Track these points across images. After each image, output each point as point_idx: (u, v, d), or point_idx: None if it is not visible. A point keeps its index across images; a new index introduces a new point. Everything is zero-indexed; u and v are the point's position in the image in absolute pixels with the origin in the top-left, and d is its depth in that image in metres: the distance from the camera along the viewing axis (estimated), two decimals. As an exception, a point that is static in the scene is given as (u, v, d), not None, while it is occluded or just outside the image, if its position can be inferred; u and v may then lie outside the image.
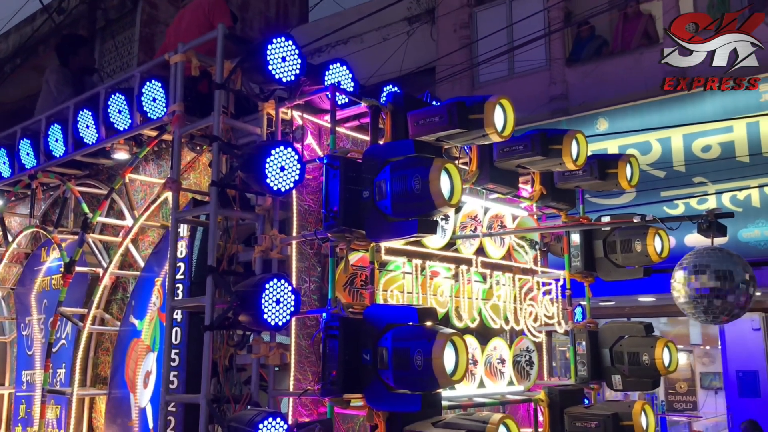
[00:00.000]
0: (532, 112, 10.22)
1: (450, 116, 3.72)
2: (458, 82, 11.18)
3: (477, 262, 4.77)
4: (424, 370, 3.18)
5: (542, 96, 10.66)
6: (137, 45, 15.20)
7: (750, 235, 9.13)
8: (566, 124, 10.01)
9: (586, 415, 4.77)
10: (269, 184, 3.62)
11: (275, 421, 3.42)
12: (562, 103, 10.60)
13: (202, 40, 4.16)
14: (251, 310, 3.50)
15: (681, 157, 9.57)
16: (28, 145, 5.30)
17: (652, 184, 9.27)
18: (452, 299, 4.50)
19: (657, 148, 9.66)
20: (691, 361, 13.60)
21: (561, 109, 10.58)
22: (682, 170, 9.47)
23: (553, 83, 10.82)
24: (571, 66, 10.77)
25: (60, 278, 5.16)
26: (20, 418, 5.29)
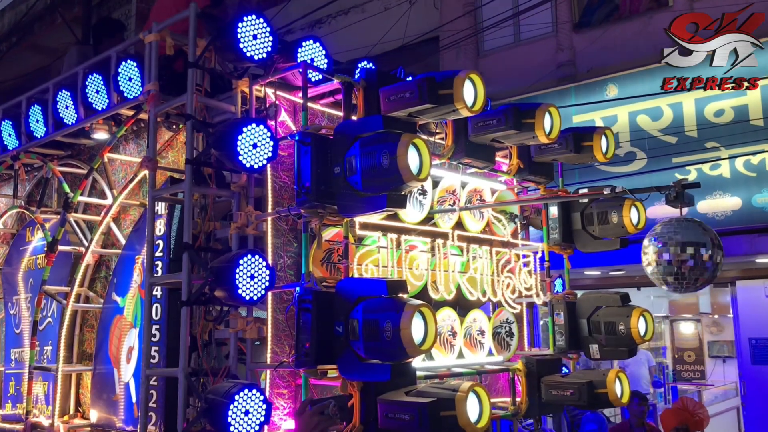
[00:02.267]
0: (539, 80, 10.14)
1: (420, 92, 3.75)
2: (462, 50, 11.07)
3: (454, 236, 4.84)
4: (393, 340, 3.26)
5: (549, 63, 10.53)
6: (134, 20, 15.19)
7: (764, 200, 9.10)
8: (575, 91, 9.93)
9: (563, 383, 4.88)
10: (242, 161, 3.68)
11: (251, 392, 3.51)
12: (569, 69, 10.49)
13: (174, 19, 4.19)
14: (226, 285, 3.57)
15: (693, 122, 9.45)
16: (10, 126, 5.34)
17: (663, 150, 9.25)
18: (429, 273, 4.58)
19: (668, 113, 9.52)
20: (698, 330, 13.68)
21: (569, 75, 10.48)
22: (694, 135, 9.36)
23: (560, 49, 10.68)
24: (578, 31, 10.59)
25: (44, 257, 5.24)
26: (10, 395, 5.40)
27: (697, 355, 13.53)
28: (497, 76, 10.84)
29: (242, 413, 3.47)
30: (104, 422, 4.59)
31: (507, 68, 10.88)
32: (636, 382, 10.63)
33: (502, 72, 10.90)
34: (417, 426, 3.49)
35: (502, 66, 10.97)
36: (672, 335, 13.91)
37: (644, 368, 11.11)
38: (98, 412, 4.64)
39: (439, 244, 4.68)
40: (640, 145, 9.45)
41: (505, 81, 10.66)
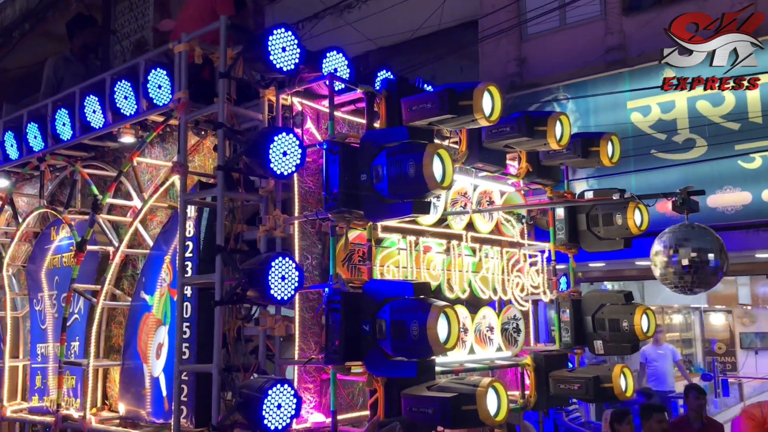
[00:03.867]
0: (586, 65, 9.92)
1: (441, 102, 3.96)
2: (504, 35, 10.72)
3: (467, 237, 5.06)
4: (420, 339, 3.48)
5: (597, 47, 10.17)
6: (152, 6, 15.27)
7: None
8: (629, 77, 9.65)
9: (570, 378, 5.11)
10: (273, 168, 3.87)
11: (283, 387, 3.72)
12: (619, 54, 10.18)
13: (205, 30, 4.37)
14: (259, 286, 3.77)
15: (758, 108, 8.99)
16: (36, 128, 5.50)
17: (725, 137, 8.96)
18: (444, 272, 4.80)
19: (730, 99, 9.10)
20: (730, 322, 13.75)
21: (618, 60, 10.17)
22: (758, 122, 8.96)
23: (609, 33, 10.35)
24: (628, 15, 10.24)
25: (71, 256, 5.43)
26: (36, 388, 5.58)
27: (728, 347, 13.60)
28: (541, 61, 10.60)
29: (275, 407, 3.67)
30: (132, 415, 4.79)
31: (552, 53, 10.49)
32: (661, 379, 10.53)
33: (546, 57, 10.57)
34: (440, 419, 3.73)
35: (547, 50, 10.59)
36: (702, 326, 13.90)
37: (669, 363, 10.90)
38: (126, 405, 4.84)
39: (453, 245, 4.90)
40: (700, 132, 9.15)
41: (550, 66, 10.40)
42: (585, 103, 9.89)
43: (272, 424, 3.67)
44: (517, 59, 10.89)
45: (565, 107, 10.05)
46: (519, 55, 10.87)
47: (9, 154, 5.84)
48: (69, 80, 6.48)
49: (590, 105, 9.89)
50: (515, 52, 10.88)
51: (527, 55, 10.86)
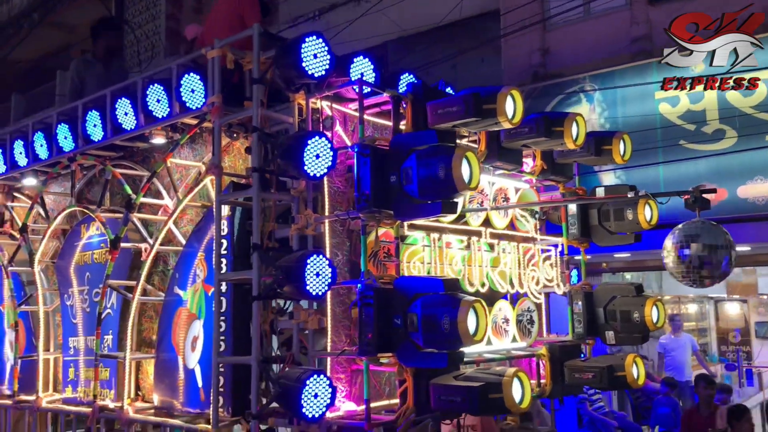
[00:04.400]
0: (612, 55, 9.88)
1: (466, 106, 4.16)
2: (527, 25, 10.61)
3: (486, 233, 5.27)
4: (451, 331, 3.70)
5: (622, 37, 10.10)
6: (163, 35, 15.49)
7: None
8: (656, 68, 9.53)
9: (584, 367, 5.34)
10: (307, 170, 4.07)
11: (319, 378, 3.94)
12: (645, 44, 10.14)
13: (238, 37, 4.56)
14: (295, 282, 3.98)
15: None
16: (66, 129, 5.68)
17: (756, 128, 8.95)
18: (465, 267, 5.02)
19: (762, 89, 9.01)
20: (745, 312, 13.79)
21: (644, 50, 10.13)
22: None
23: (635, 23, 10.27)
24: (654, 4, 10.19)
25: (102, 253, 5.64)
26: (69, 380, 5.80)
27: (743, 336, 13.69)
28: (565, 50, 10.54)
29: (312, 396, 3.89)
30: (166, 404, 5.00)
31: (576, 42, 10.41)
32: (678, 368, 10.58)
33: (570, 47, 10.51)
34: (468, 407, 3.96)
35: (571, 40, 10.51)
36: (716, 316, 13.95)
37: (687, 353, 10.91)
38: (160, 395, 5.05)
39: (473, 241, 5.11)
40: (730, 123, 9.14)
41: (575, 56, 10.36)
42: (612, 93, 9.89)
43: (309, 413, 3.90)
44: (541, 49, 10.81)
45: (591, 98, 10.05)
46: (542, 45, 10.81)
47: (39, 154, 6.02)
48: (91, 82, 6.67)
49: (617, 95, 9.87)
50: (539, 42, 10.78)
51: (551, 45, 10.76)
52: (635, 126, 9.20)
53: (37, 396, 5.86)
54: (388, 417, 4.25)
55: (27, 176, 6.37)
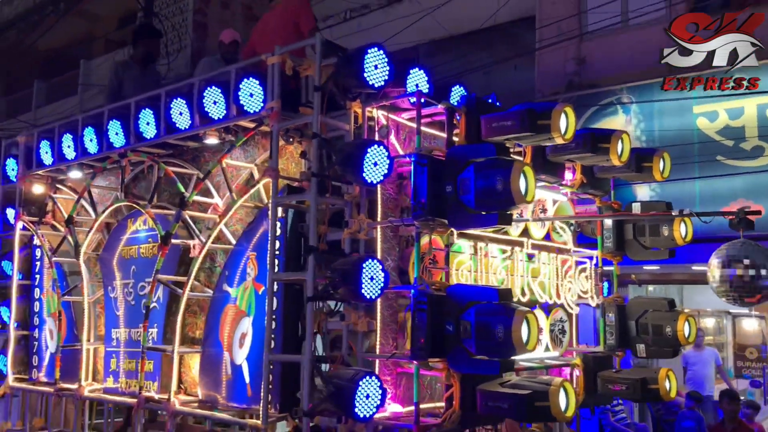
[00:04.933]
0: (649, 67, 9.67)
1: (521, 121, 4.29)
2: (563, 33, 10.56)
3: (527, 244, 5.39)
4: (505, 340, 3.82)
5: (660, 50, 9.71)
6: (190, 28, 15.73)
7: None
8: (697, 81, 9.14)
9: (618, 378, 5.46)
10: (365, 177, 4.20)
11: (371, 379, 4.07)
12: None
13: (301, 44, 4.72)
14: (351, 285, 4.10)
15: None
16: (118, 125, 5.82)
17: None
18: (508, 277, 5.14)
19: None
20: (763, 328, 13.71)
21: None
22: None
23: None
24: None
25: (149, 247, 5.78)
26: (111, 371, 5.94)
27: (759, 353, 13.64)
28: (601, 60, 10.49)
29: (364, 397, 4.02)
30: (210, 398, 5.14)
31: (612, 53, 10.38)
32: (699, 383, 10.46)
33: (607, 57, 10.45)
34: (515, 413, 4.09)
35: (608, 50, 10.38)
36: (734, 331, 13.89)
37: (710, 368, 10.74)
38: (205, 389, 5.19)
39: (516, 251, 5.23)
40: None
41: (610, 66, 10.29)
42: (649, 106, 9.86)
43: (361, 412, 4.02)
44: (576, 58, 10.80)
45: (628, 109, 10.03)
46: (578, 54, 10.80)
47: (88, 148, 6.16)
48: (128, 84, 6.86)
49: (654, 108, 9.85)
50: (574, 51, 10.77)
51: (587, 54, 10.74)
52: (672, 140, 9.19)
53: (79, 385, 5.99)
54: (433, 420, 4.37)
55: (72, 169, 6.51)
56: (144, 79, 7.09)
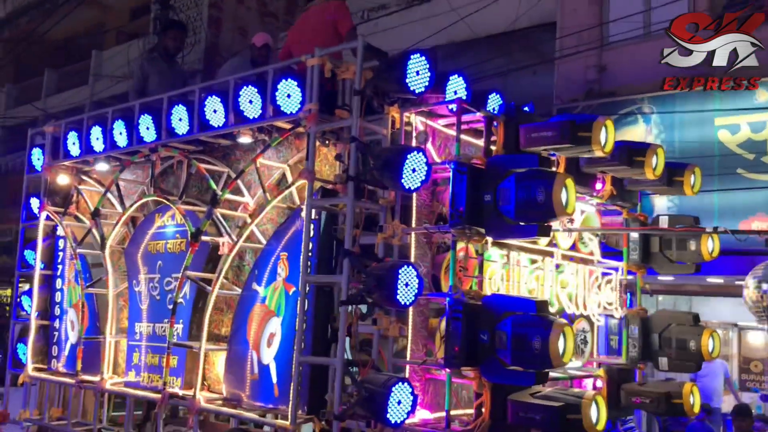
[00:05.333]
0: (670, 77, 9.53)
1: (562, 132, 4.28)
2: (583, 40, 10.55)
3: (558, 255, 5.39)
4: (541, 352, 3.82)
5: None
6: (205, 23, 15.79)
7: None
8: (719, 94, 9.29)
9: (642, 391, 5.45)
10: (403, 183, 4.20)
11: (403, 385, 4.07)
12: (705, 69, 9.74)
13: (343, 47, 4.72)
14: (386, 291, 4.10)
15: None
16: (150, 119, 5.82)
17: None
18: (538, 287, 5.14)
19: None
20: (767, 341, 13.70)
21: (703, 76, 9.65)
22: None
23: None
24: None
25: (176, 243, 5.79)
26: (133, 365, 5.95)
27: (764, 366, 13.63)
28: (622, 69, 10.48)
29: (396, 403, 4.03)
30: (235, 397, 5.14)
31: (634, 63, 10.28)
32: (708, 394, 10.26)
33: (627, 66, 10.41)
34: (547, 425, 4.08)
35: (629, 59, 10.43)
36: (739, 344, 13.88)
37: (718, 380, 10.66)
38: (230, 387, 5.19)
39: (547, 261, 5.23)
40: None
41: (631, 75, 10.26)
42: (670, 117, 9.86)
43: (393, 418, 4.03)
44: (597, 66, 10.79)
45: (648, 119, 9.99)
46: (599, 62, 10.80)
47: (117, 142, 6.17)
48: (154, 78, 6.92)
49: (675, 119, 9.86)
50: (595, 59, 10.78)
51: (607, 63, 10.73)
52: (692, 152, 9.17)
53: (101, 377, 6.00)
54: (460, 428, 4.37)
55: (99, 161, 6.51)
56: (170, 74, 7.11)
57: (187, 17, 17.15)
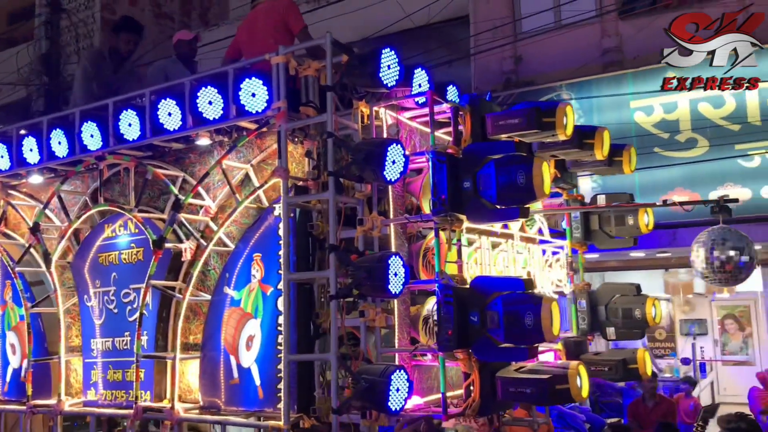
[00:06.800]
0: (583, 65, 10.27)
1: (528, 119, 4.51)
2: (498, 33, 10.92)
3: (517, 237, 5.64)
4: (534, 327, 4.02)
5: (593, 49, 10.55)
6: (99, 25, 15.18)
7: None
8: (632, 78, 10.03)
9: (600, 360, 5.80)
10: (385, 175, 4.29)
11: (400, 373, 4.17)
12: (616, 56, 10.61)
13: (306, 44, 4.73)
14: (378, 281, 4.17)
15: (756, 111, 9.56)
16: (94, 126, 5.58)
17: (726, 139, 9.54)
18: (505, 269, 5.37)
19: (731, 101, 9.67)
20: (669, 310, 14.65)
21: (615, 62, 10.59)
22: (757, 124, 9.50)
23: (606, 35, 10.73)
24: (624, 18, 10.68)
25: (132, 253, 5.60)
26: (92, 383, 5.69)
27: (668, 333, 14.72)
28: (537, 59, 10.91)
29: (395, 391, 4.11)
30: (212, 404, 5.05)
31: (548, 52, 10.79)
32: None
33: (542, 56, 10.86)
34: (538, 397, 4.30)
35: (543, 49, 10.87)
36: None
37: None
38: (206, 395, 5.09)
39: (511, 244, 5.46)
40: (702, 132, 9.80)
41: (547, 65, 10.73)
42: (588, 101, 10.37)
43: (393, 406, 4.11)
44: (513, 56, 11.19)
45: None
46: (514, 53, 11.21)
47: (55, 152, 5.86)
48: (100, 76, 6.58)
49: (593, 104, 10.38)
50: (510, 50, 11.18)
51: (522, 53, 11.16)
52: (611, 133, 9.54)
53: (58, 399, 5.71)
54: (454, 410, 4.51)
55: (33, 174, 6.17)
56: (119, 77, 6.82)
57: (79, 20, 16.38)
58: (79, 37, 16.79)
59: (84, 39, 17.05)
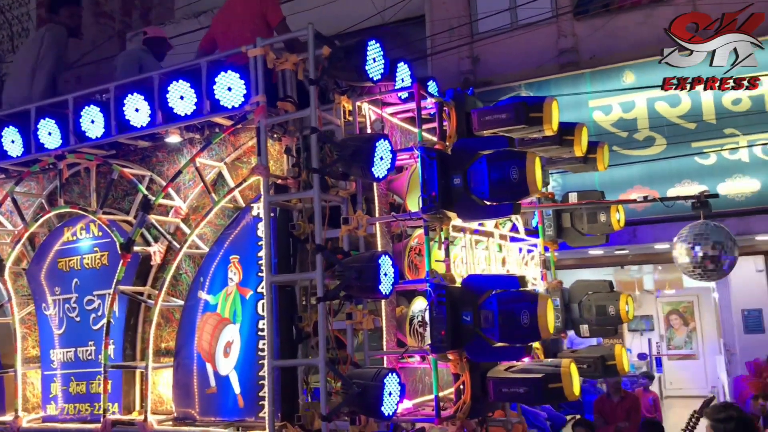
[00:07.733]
0: (540, 65, 10.35)
1: (516, 114, 4.43)
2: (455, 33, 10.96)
3: (497, 235, 5.57)
4: (531, 325, 3.93)
5: (550, 49, 10.65)
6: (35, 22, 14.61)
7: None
8: (590, 77, 10.21)
9: (578, 358, 5.76)
10: (374, 172, 4.14)
11: (393, 376, 4.02)
12: (572, 56, 10.74)
13: (290, 36, 4.54)
14: (369, 282, 4.01)
15: (711, 110, 9.87)
16: (53, 124, 5.25)
17: (683, 137, 9.80)
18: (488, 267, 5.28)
19: (687, 100, 9.95)
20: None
21: (572, 62, 10.74)
22: (713, 122, 9.79)
23: (562, 36, 10.85)
24: (580, 19, 10.82)
25: (95, 257, 5.29)
26: (52, 396, 5.34)
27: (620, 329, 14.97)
28: (493, 59, 10.98)
29: (388, 395, 3.96)
30: (187, 415, 4.79)
31: (503, 52, 10.92)
32: None
33: (498, 55, 10.94)
34: (531, 397, 4.22)
35: (500, 49, 10.97)
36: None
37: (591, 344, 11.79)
38: (180, 405, 4.82)
39: (490, 242, 5.38)
40: (659, 131, 10.01)
41: (504, 65, 10.81)
42: None
43: (386, 411, 3.96)
44: (470, 57, 11.21)
45: None
46: (471, 53, 11.22)
47: (8, 151, 5.50)
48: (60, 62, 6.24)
49: None
50: (467, 50, 11.21)
51: (479, 53, 11.20)
52: None
53: (16, 416, 5.33)
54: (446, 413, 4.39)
55: (-21, 175, 5.78)
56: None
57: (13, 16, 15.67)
58: (14, 35, 16.09)
59: (18, 37, 16.35)
